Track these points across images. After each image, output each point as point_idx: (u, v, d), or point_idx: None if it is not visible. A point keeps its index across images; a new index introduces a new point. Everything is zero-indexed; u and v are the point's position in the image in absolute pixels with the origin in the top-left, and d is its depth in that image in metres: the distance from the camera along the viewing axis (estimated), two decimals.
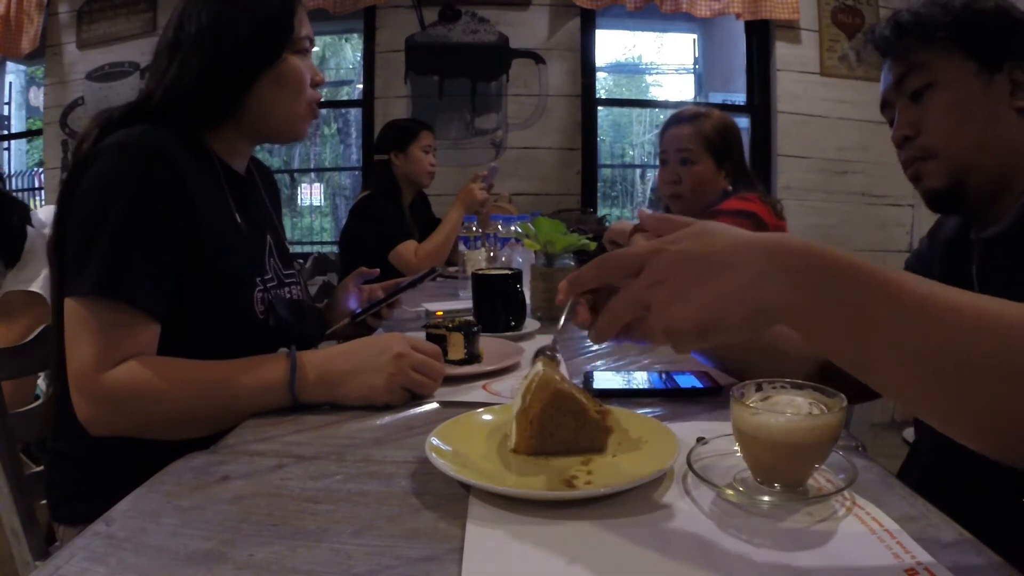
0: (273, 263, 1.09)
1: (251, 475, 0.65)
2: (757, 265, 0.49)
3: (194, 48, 0.95)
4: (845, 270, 0.47)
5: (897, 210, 3.35)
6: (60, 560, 0.50)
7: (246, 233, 1.01)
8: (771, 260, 0.49)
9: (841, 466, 0.60)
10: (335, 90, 5.56)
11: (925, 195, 0.94)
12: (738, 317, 0.49)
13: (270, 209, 1.16)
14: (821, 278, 0.48)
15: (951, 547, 0.50)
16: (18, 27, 3.39)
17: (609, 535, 0.52)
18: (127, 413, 0.83)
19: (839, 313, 0.47)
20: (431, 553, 0.50)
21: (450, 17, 3.35)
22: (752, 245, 0.50)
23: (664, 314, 0.51)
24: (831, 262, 0.48)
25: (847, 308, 0.47)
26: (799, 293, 0.48)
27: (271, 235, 1.11)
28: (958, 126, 0.87)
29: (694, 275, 0.50)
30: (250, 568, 0.48)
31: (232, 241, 0.96)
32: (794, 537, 0.52)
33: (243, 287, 0.97)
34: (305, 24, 1.02)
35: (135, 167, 0.86)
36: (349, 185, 4.86)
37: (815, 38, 3.32)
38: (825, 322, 0.48)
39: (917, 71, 0.89)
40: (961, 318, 0.45)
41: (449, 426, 0.71)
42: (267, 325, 0.98)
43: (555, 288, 1.49)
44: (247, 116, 1.00)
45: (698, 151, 1.70)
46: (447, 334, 1.06)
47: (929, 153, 0.90)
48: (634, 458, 0.66)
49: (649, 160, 5.81)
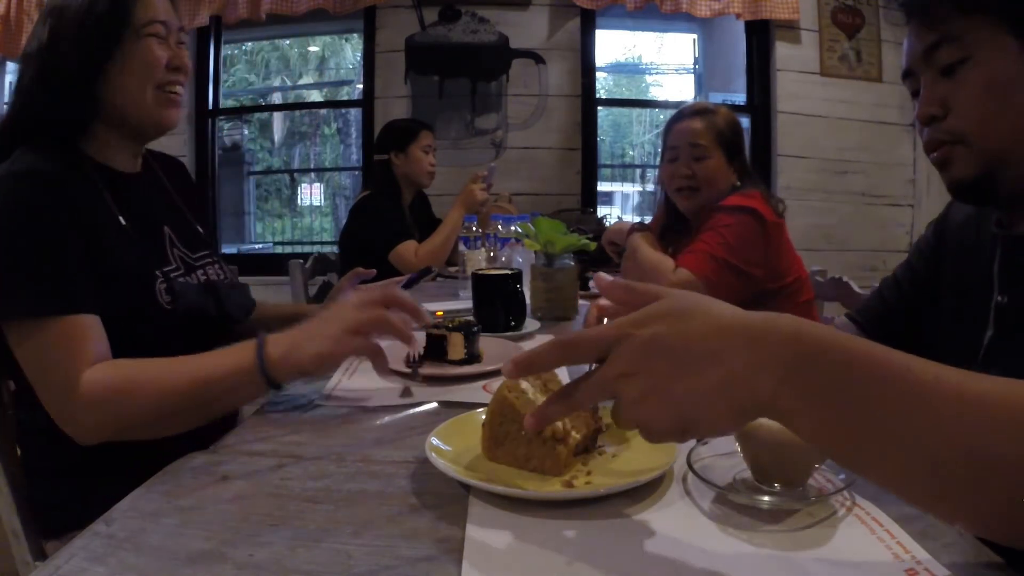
0: (177, 252, 1.10)
1: (251, 475, 0.65)
2: (740, 358, 0.44)
3: (38, 59, 0.98)
4: (838, 360, 0.43)
5: (897, 210, 3.35)
6: (60, 560, 0.50)
7: (133, 231, 1.02)
8: (755, 351, 0.44)
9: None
10: (335, 90, 5.56)
11: (951, 184, 0.84)
12: (718, 415, 0.45)
13: (176, 200, 1.18)
14: (812, 371, 0.43)
15: (951, 547, 0.50)
16: (18, 27, 3.39)
17: (609, 535, 0.52)
18: (111, 412, 0.84)
19: (832, 411, 0.43)
20: (431, 553, 0.50)
21: (450, 17, 3.35)
22: (734, 332, 0.45)
23: (637, 410, 0.46)
24: (821, 351, 0.43)
25: (841, 405, 0.42)
26: (787, 388, 0.43)
27: (169, 226, 1.11)
28: (994, 111, 0.77)
29: (668, 369, 0.45)
30: (250, 568, 0.48)
31: (117, 242, 0.98)
32: (794, 537, 0.52)
33: (139, 283, 0.99)
34: (154, 8, 1.01)
35: (17, 194, 0.88)
36: (349, 185, 4.86)
37: (815, 38, 3.32)
38: (817, 420, 0.43)
39: (952, 42, 0.78)
40: (982, 406, 0.40)
41: (449, 426, 0.71)
42: (177, 313, 1.00)
43: (555, 288, 1.52)
44: (109, 110, 1.01)
45: (711, 145, 1.67)
46: (447, 334, 1.06)
47: (958, 137, 0.80)
48: (634, 458, 0.66)
49: (649, 160, 5.80)
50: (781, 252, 1.62)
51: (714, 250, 1.53)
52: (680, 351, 0.45)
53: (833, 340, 0.43)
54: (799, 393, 0.43)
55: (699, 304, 0.47)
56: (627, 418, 0.48)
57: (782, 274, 1.62)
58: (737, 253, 1.53)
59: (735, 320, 0.46)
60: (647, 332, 0.46)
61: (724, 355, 0.44)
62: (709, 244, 1.54)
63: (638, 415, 0.47)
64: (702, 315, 0.46)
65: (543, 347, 0.50)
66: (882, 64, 3.32)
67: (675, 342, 0.45)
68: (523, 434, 0.63)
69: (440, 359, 1.06)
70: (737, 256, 1.53)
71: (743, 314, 0.47)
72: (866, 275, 3.14)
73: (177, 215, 1.16)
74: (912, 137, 3.29)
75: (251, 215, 4.62)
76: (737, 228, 1.54)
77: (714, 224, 1.56)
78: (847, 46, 3.32)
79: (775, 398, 0.43)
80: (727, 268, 1.52)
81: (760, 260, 1.56)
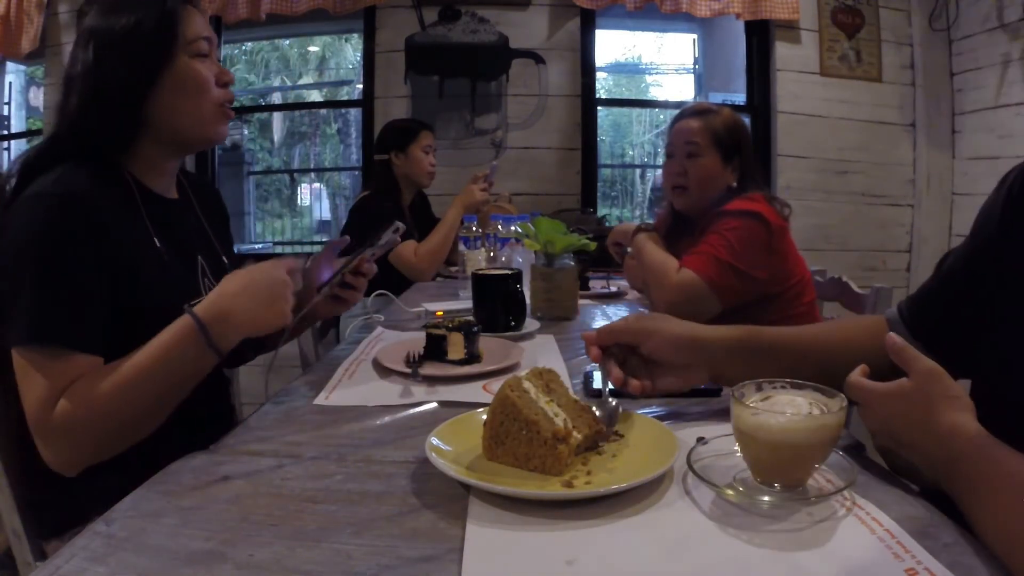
0: (207, 283, 1.09)
1: (251, 475, 0.65)
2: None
3: (84, 78, 0.97)
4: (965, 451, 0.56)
5: (897, 210, 3.35)
6: (60, 560, 0.50)
7: (171, 261, 1.01)
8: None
9: (841, 466, 0.60)
10: (335, 90, 5.56)
11: None
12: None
13: (206, 229, 1.17)
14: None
15: (951, 547, 0.50)
16: (18, 27, 3.39)
17: (609, 535, 0.52)
18: (82, 441, 0.84)
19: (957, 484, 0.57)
20: (431, 553, 0.50)
21: (450, 17, 3.35)
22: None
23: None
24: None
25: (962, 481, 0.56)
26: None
27: (204, 256, 1.11)
28: None
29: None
30: (250, 568, 0.48)
31: (154, 274, 0.97)
32: (794, 537, 0.52)
33: (168, 317, 0.95)
34: (197, 25, 1.02)
35: (50, 216, 0.87)
36: (349, 185, 4.85)
37: (815, 38, 3.31)
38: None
39: None
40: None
41: (449, 426, 0.71)
42: None
43: (555, 288, 1.52)
44: (156, 127, 1.01)
45: (705, 145, 1.68)
46: (447, 334, 1.06)
47: None
48: (634, 458, 0.66)
49: (649, 160, 5.80)
50: (785, 255, 1.62)
51: (718, 252, 1.53)
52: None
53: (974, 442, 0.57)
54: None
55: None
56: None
57: (786, 276, 1.62)
58: (741, 257, 1.54)
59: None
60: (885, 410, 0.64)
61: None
62: (713, 246, 1.54)
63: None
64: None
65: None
66: (882, 64, 3.32)
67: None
68: (524, 434, 0.63)
69: (440, 359, 1.06)
70: (741, 260, 1.54)
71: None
72: (866, 275, 3.14)
73: (209, 245, 1.16)
74: (912, 137, 3.29)
75: (251, 215, 4.61)
76: (742, 232, 1.54)
77: (719, 228, 1.57)
78: (847, 46, 3.32)
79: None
80: (730, 271, 1.53)
81: (764, 264, 1.56)
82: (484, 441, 0.66)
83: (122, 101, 0.97)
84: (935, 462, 0.58)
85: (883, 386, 0.64)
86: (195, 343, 0.85)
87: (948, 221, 3.26)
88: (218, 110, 1.05)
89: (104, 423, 0.83)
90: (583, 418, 0.69)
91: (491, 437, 0.65)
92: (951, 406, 0.59)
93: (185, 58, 1.00)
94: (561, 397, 0.70)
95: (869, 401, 0.64)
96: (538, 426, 0.63)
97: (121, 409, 0.84)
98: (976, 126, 3.11)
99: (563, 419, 0.66)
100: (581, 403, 0.71)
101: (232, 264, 1.22)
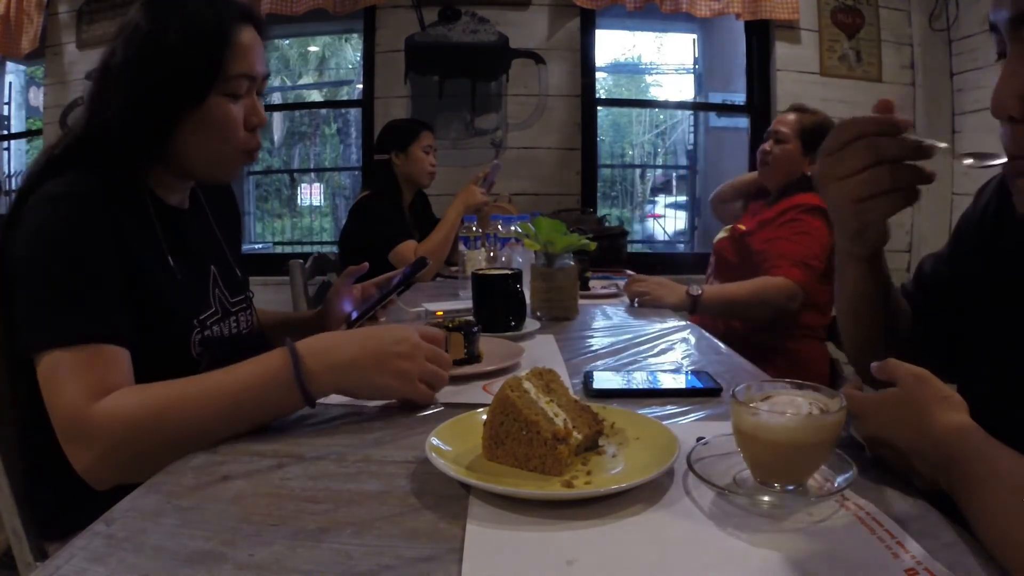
0: (218, 293, 1.07)
1: (251, 475, 0.65)
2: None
3: (118, 83, 0.92)
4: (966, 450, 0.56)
5: None
6: (60, 560, 0.50)
7: (181, 272, 0.97)
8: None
9: (841, 466, 0.60)
10: (335, 90, 5.55)
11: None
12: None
13: (219, 237, 1.14)
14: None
15: (951, 547, 0.50)
16: (18, 27, 3.39)
17: (609, 535, 0.52)
18: (126, 446, 0.75)
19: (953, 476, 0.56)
20: (431, 553, 0.50)
21: (450, 17, 3.35)
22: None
23: None
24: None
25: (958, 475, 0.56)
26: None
27: (216, 265, 1.08)
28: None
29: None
30: (250, 568, 0.48)
31: (165, 286, 0.94)
32: (794, 537, 0.52)
33: (178, 331, 0.94)
34: (244, 62, 0.94)
35: (68, 216, 0.85)
36: (349, 185, 4.85)
37: (815, 38, 3.32)
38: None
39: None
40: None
41: (449, 426, 0.71)
42: (201, 366, 0.95)
43: (555, 288, 1.52)
44: (172, 158, 0.97)
45: (791, 134, 2.05)
46: (447, 334, 1.06)
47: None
48: (634, 458, 0.66)
49: (649, 160, 5.80)
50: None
51: (808, 259, 1.86)
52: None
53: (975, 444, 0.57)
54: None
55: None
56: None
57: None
58: (821, 257, 1.86)
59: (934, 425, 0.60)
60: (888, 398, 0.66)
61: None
62: (802, 248, 1.86)
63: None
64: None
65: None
66: (882, 64, 3.32)
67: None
68: (524, 434, 0.63)
69: None
70: (821, 259, 1.87)
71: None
72: None
73: (221, 254, 1.13)
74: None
75: (251, 215, 4.61)
76: (824, 230, 1.85)
77: (806, 227, 1.89)
78: (847, 46, 3.32)
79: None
80: (813, 272, 1.86)
81: (829, 256, 1.83)
82: (484, 441, 0.66)
83: (148, 126, 0.92)
84: (933, 464, 0.58)
85: (875, 395, 0.65)
86: (285, 380, 0.77)
87: (948, 221, 3.26)
88: (239, 156, 0.99)
89: (157, 435, 0.75)
90: (583, 418, 0.69)
91: (491, 437, 0.65)
92: (943, 406, 0.60)
93: (217, 98, 0.93)
94: (561, 397, 0.70)
95: (862, 411, 0.65)
96: (538, 426, 0.63)
97: (178, 425, 0.75)
98: (976, 126, 3.11)
99: (563, 419, 0.66)
100: (581, 403, 0.71)
101: (244, 274, 1.19)
